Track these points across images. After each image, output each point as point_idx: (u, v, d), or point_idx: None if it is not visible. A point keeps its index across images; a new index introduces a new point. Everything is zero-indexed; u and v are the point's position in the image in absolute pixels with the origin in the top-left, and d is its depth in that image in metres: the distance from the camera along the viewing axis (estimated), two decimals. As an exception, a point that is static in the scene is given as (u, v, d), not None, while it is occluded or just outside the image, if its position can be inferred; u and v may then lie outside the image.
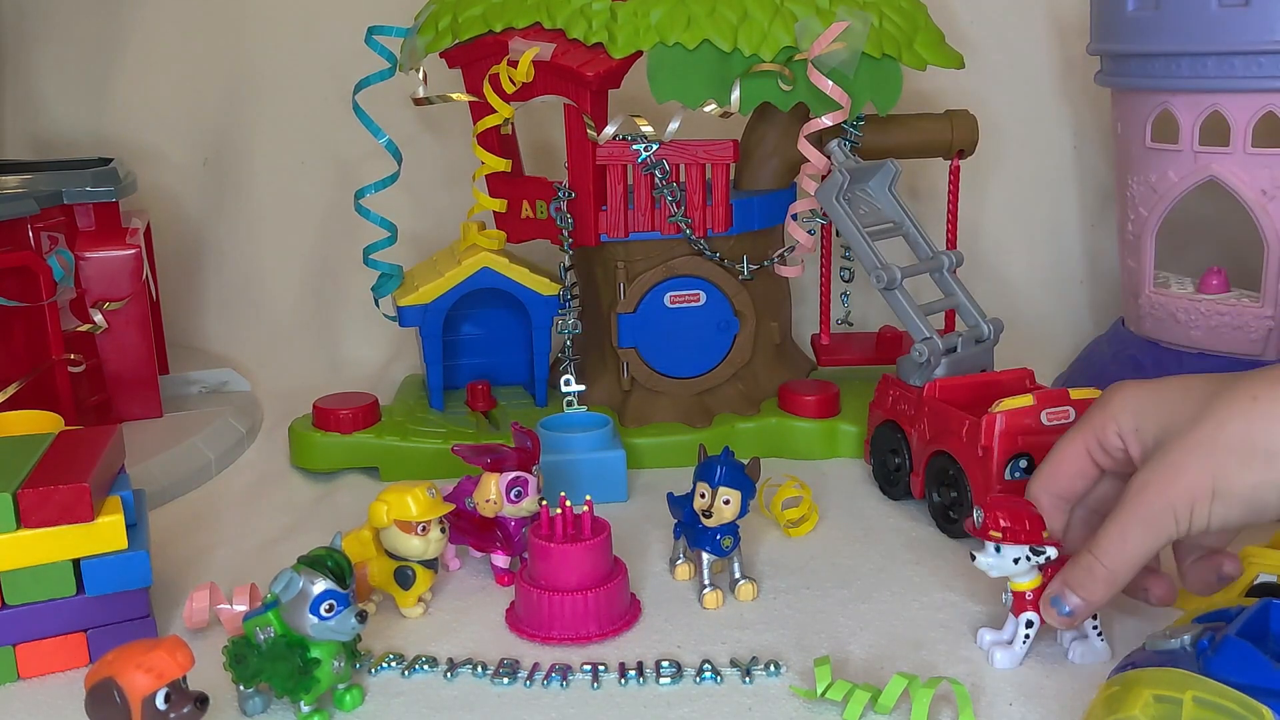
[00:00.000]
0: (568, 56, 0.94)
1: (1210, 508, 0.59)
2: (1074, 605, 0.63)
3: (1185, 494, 0.59)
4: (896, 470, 0.91)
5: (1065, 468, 0.68)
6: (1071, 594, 0.63)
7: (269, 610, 0.62)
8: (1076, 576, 0.63)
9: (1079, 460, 0.67)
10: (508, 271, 1.02)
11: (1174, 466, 0.60)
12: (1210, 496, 0.58)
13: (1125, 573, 0.62)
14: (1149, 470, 0.61)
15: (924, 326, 0.88)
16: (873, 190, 0.95)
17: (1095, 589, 0.63)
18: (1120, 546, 0.61)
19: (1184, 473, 0.59)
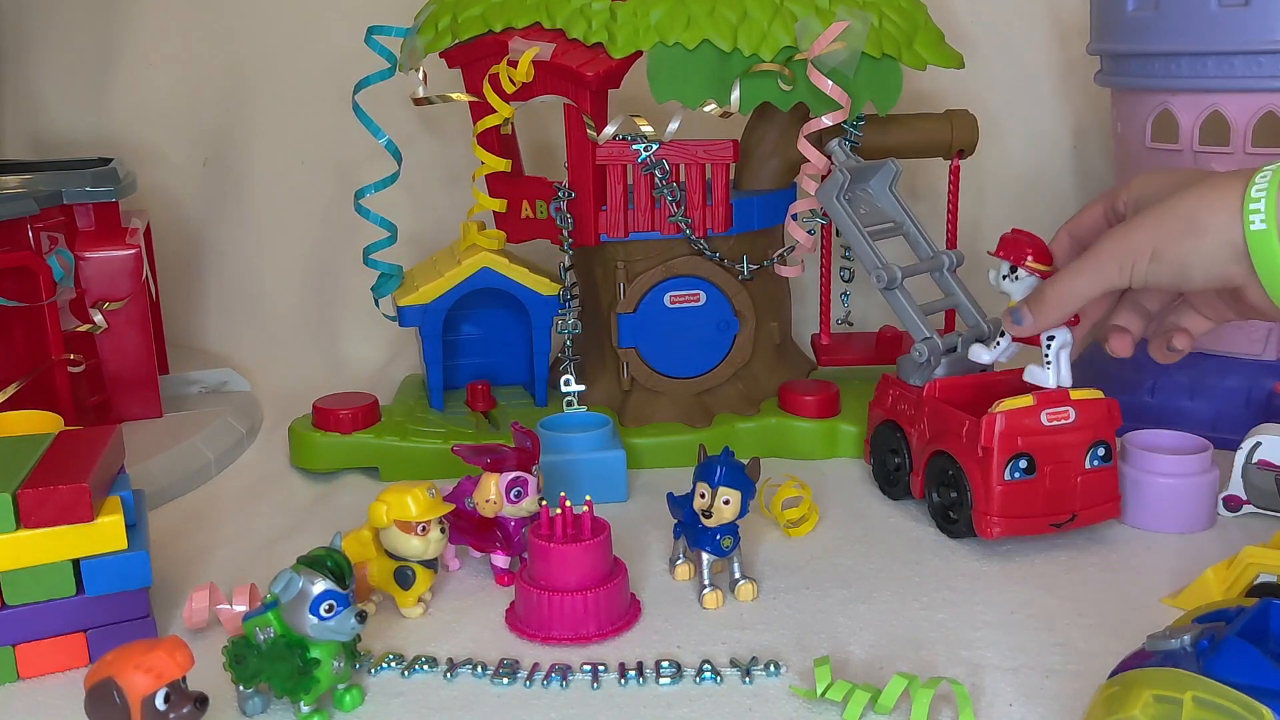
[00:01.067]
0: (567, 56, 0.94)
1: (1148, 266, 0.70)
2: (1026, 320, 0.78)
3: (1130, 250, 0.71)
4: (896, 470, 0.91)
5: (1086, 220, 0.80)
6: (1027, 312, 0.78)
7: (269, 610, 0.62)
8: (1033, 298, 0.78)
9: (1096, 218, 0.79)
10: (508, 271, 1.02)
11: (1129, 227, 0.72)
12: (1150, 257, 0.70)
13: (1070, 303, 0.75)
14: (1114, 230, 0.73)
15: (924, 326, 0.88)
16: (873, 190, 0.95)
17: (1044, 311, 0.76)
18: (1070, 281, 0.74)
19: (1134, 234, 0.71)
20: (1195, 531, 0.85)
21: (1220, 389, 1.00)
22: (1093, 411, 0.82)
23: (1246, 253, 0.66)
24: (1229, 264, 0.67)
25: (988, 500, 0.80)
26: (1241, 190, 0.66)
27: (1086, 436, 0.81)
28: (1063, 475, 0.81)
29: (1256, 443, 0.86)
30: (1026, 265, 0.80)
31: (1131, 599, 0.75)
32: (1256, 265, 0.66)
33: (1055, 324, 0.78)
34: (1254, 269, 0.66)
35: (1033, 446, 0.80)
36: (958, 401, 0.85)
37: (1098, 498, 0.82)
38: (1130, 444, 0.87)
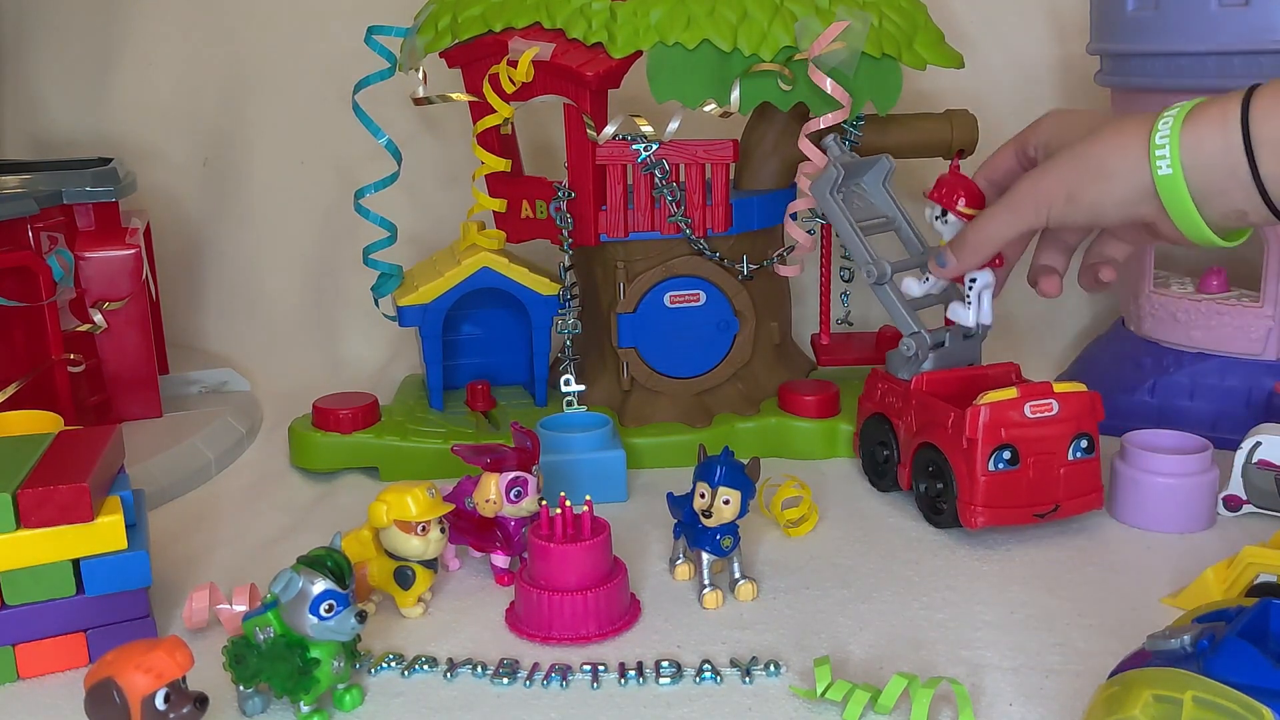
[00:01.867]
0: (567, 56, 0.94)
1: (1063, 208, 0.74)
2: (949, 262, 0.82)
3: (1045, 193, 0.75)
4: (885, 462, 0.92)
5: (999, 164, 0.84)
6: (950, 254, 0.82)
7: (269, 610, 0.62)
8: (955, 241, 0.82)
9: (1008, 161, 0.84)
10: (507, 271, 1.02)
11: (1043, 171, 0.75)
12: (1064, 199, 0.74)
13: (989, 246, 0.80)
14: (1028, 174, 0.77)
15: (912, 321, 0.88)
16: (867, 185, 0.95)
17: (965, 253, 0.81)
18: (989, 224, 0.79)
19: (1048, 177, 0.75)
20: (1195, 531, 0.85)
21: (1220, 389, 1.00)
22: (1075, 404, 0.83)
23: (1156, 194, 0.70)
24: (1139, 204, 0.71)
25: (972, 490, 0.81)
26: (1147, 135, 0.70)
27: (1069, 429, 0.83)
28: (1046, 466, 0.82)
29: (1256, 443, 0.86)
30: (956, 210, 0.84)
31: (1131, 599, 0.75)
32: (1166, 206, 0.70)
33: (976, 265, 0.82)
34: (1164, 209, 0.70)
35: (1016, 438, 0.81)
36: (944, 395, 0.87)
37: (1080, 489, 0.84)
38: (1130, 444, 0.87)
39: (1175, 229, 0.71)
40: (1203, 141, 0.68)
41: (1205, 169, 0.68)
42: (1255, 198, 0.67)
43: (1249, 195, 0.67)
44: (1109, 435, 0.87)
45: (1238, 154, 0.67)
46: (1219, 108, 0.68)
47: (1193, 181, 0.68)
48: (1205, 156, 0.68)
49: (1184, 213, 0.69)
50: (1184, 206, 0.69)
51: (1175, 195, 0.69)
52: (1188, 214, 0.69)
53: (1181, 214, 0.69)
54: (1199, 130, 0.68)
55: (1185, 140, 0.68)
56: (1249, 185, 0.67)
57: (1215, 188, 0.68)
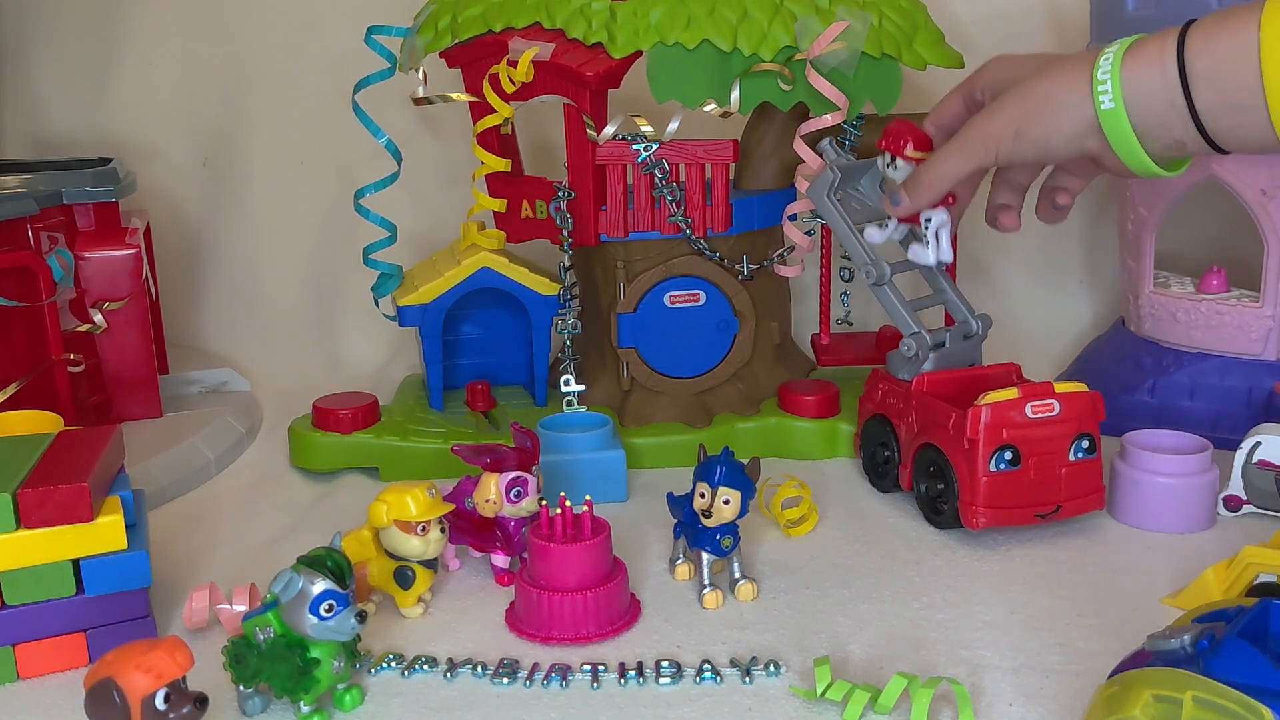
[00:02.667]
0: (567, 56, 0.94)
1: (1011, 145, 0.76)
2: (903, 201, 0.84)
3: (994, 132, 0.76)
4: (885, 463, 0.92)
5: (948, 109, 0.85)
6: (904, 193, 0.84)
7: (269, 610, 0.62)
8: (908, 182, 0.84)
9: (955, 107, 0.85)
10: (507, 271, 1.01)
11: (991, 110, 0.77)
12: (1012, 136, 0.75)
13: (942, 184, 0.81)
14: (977, 114, 0.79)
15: (912, 322, 0.89)
16: (864, 187, 0.95)
17: (918, 192, 0.82)
18: (940, 164, 0.81)
19: (996, 116, 0.76)
20: (1195, 531, 0.85)
21: (1220, 389, 1.00)
22: (1077, 404, 0.83)
23: (1100, 128, 0.72)
24: (1085, 139, 0.73)
25: (973, 491, 0.81)
26: (1090, 71, 0.72)
27: (1070, 429, 0.83)
28: (1047, 467, 0.82)
29: (1256, 443, 0.86)
30: (905, 155, 0.85)
31: (1131, 599, 0.75)
32: (1109, 139, 0.72)
33: (930, 204, 0.84)
34: (1108, 142, 0.72)
35: (1017, 438, 0.81)
36: (945, 395, 0.87)
37: (1082, 489, 0.84)
38: (1130, 444, 0.87)
39: (1119, 161, 0.73)
40: (1141, 77, 0.70)
41: (1145, 103, 0.70)
42: (1192, 129, 0.70)
43: (1187, 127, 0.70)
44: (1109, 435, 0.87)
45: (1175, 88, 0.69)
46: (1156, 44, 0.71)
47: (1134, 115, 0.70)
48: (1144, 91, 0.70)
49: (1126, 145, 0.72)
50: (1126, 139, 0.71)
51: (1117, 128, 0.71)
52: (1130, 146, 0.71)
53: (1124, 146, 0.72)
54: (1138, 66, 0.70)
55: (1125, 75, 0.70)
56: (1186, 117, 0.69)
57: (1155, 120, 0.70)
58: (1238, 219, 0.99)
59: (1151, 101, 0.70)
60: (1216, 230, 1.16)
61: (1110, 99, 0.71)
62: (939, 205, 0.86)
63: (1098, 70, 0.71)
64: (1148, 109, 0.70)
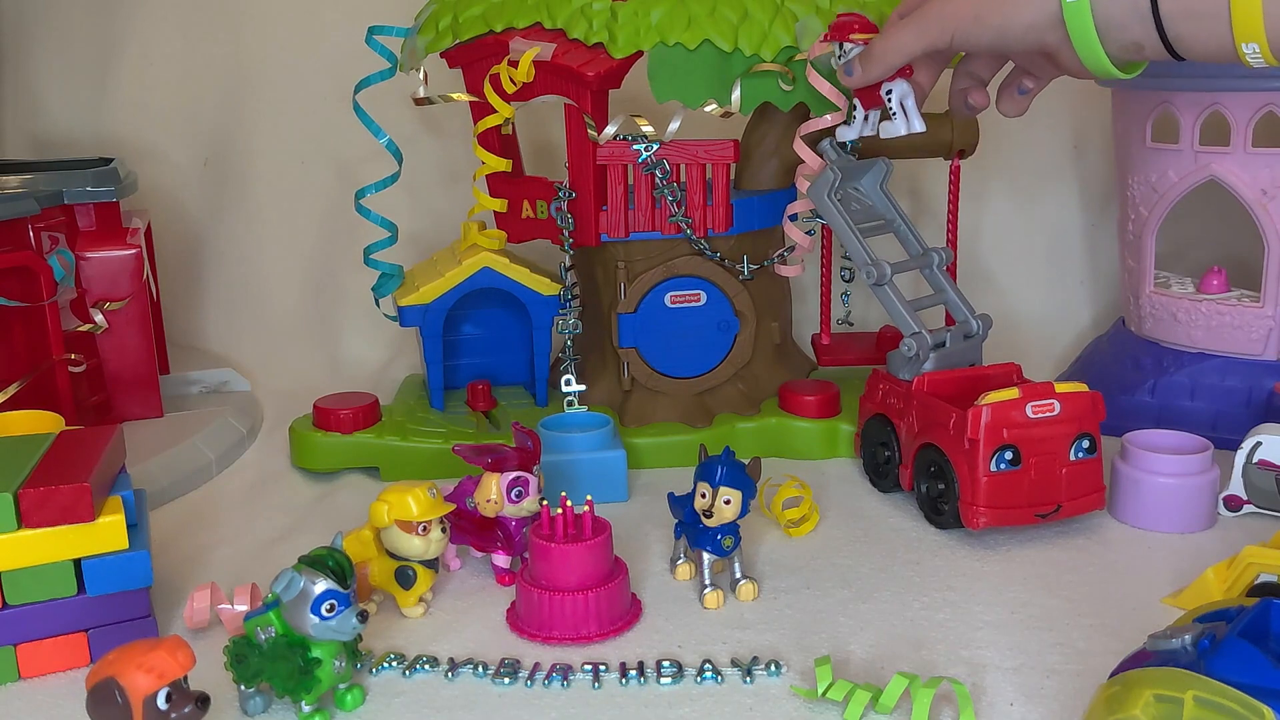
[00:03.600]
0: (568, 56, 0.94)
1: (969, 28, 0.76)
2: (856, 71, 0.84)
3: (952, 13, 0.77)
4: (886, 463, 0.92)
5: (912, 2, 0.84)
6: (857, 64, 0.84)
7: (270, 610, 0.62)
8: (863, 53, 0.84)
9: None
10: (508, 271, 1.02)
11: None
12: (971, 19, 0.76)
13: (895, 56, 0.81)
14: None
15: (913, 322, 0.89)
16: (864, 187, 0.95)
17: (870, 63, 0.83)
18: (895, 36, 0.81)
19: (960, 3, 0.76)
20: (1195, 531, 0.85)
21: (1220, 389, 1.00)
22: (1077, 404, 0.83)
23: (1062, 21, 0.72)
24: (1045, 31, 0.73)
25: (974, 491, 0.81)
26: None
27: (1071, 429, 0.83)
28: (1048, 467, 0.82)
29: (1257, 443, 0.86)
30: (851, 39, 0.85)
31: (1131, 599, 0.75)
32: (1070, 33, 0.72)
33: (883, 75, 0.83)
34: (1068, 36, 0.72)
35: (1018, 438, 0.81)
36: (946, 395, 0.87)
37: (1082, 489, 0.84)
38: (1130, 444, 0.87)
39: (1076, 59, 0.73)
40: None
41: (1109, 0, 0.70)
42: (1153, 32, 0.70)
43: (1147, 29, 0.70)
44: (1109, 435, 0.87)
45: None
46: None
47: (1097, 11, 0.70)
48: None
49: (1086, 41, 0.72)
50: (1087, 35, 0.71)
51: (1079, 23, 0.71)
52: (1089, 43, 0.72)
53: (1083, 42, 0.72)
54: None
55: None
56: (1148, 19, 0.69)
57: (1116, 20, 0.70)
58: (1238, 219, 0.99)
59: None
60: (1216, 230, 1.16)
61: None
62: (895, 77, 0.84)
63: None
64: (1111, 7, 0.70)
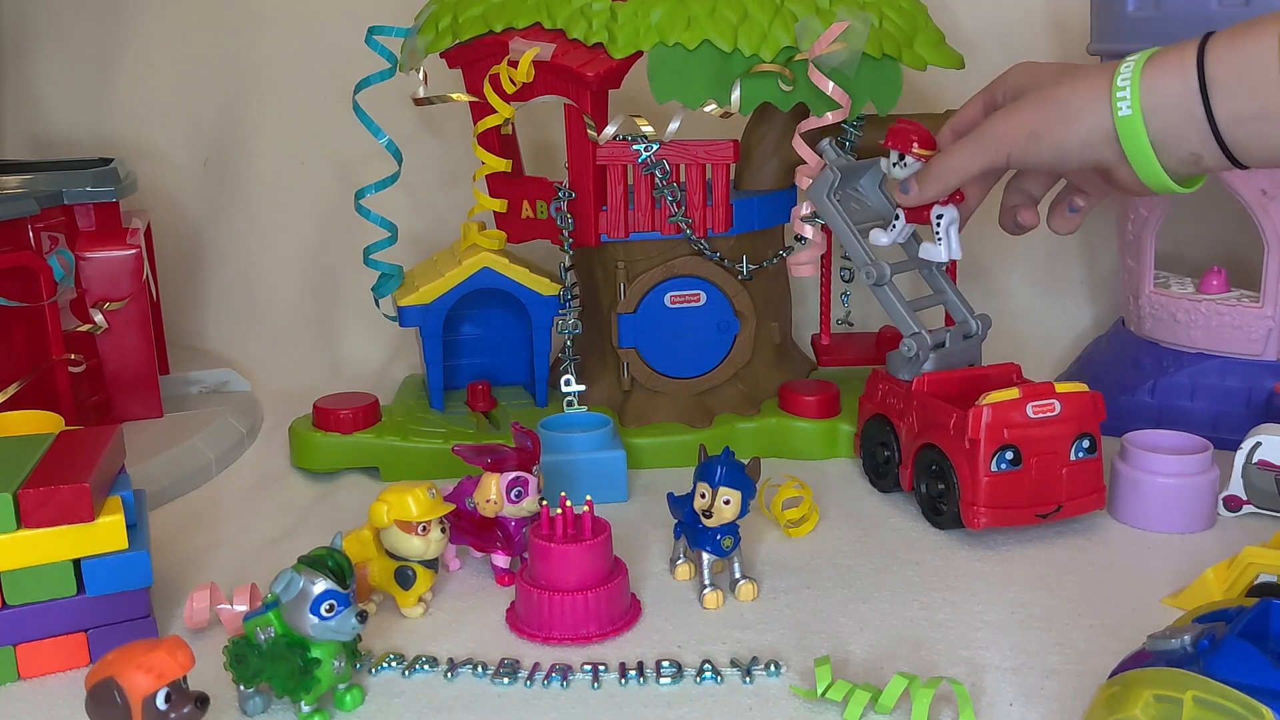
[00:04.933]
0: (568, 57, 0.94)
1: (1025, 147, 0.76)
2: (912, 190, 0.85)
3: (1010, 131, 0.77)
4: (885, 463, 0.92)
5: (967, 115, 0.86)
6: (913, 183, 0.85)
7: (269, 610, 0.62)
8: (919, 173, 0.84)
9: (976, 112, 0.85)
10: (508, 271, 1.02)
11: (1008, 111, 0.78)
12: (1026, 138, 0.76)
13: (952, 177, 0.82)
14: (995, 114, 0.79)
15: (912, 322, 0.89)
16: (864, 188, 0.95)
17: (928, 183, 0.83)
18: (952, 156, 0.81)
19: (1012, 117, 0.77)
20: (1195, 531, 0.85)
21: (1220, 389, 1.00)
22: (1078, 404, 0.83)
23: (1116, 136, 0.72)
24: (1101, 147, 0.73)
25: (974, 491, 0.81)
26: (1110, 78, 0.72)
27: (1071, 429, 0.83)
28: (1048, 467, 0.82)
29: (1257, 443, 0.86)
30: (913, 152, 0.86)
31: (1131, 599, 0.75)
32: (1125, 148, 0.72)
33: (938, 196, 0.84)
34: (1123, 152, 0.72)
35: (1018, 438, 0.81)
36: (946, 395, 0.87)
37: (1083, 489, 0.84)
38: (1130, 444, 0.87)
39: (1133, 174, 0.73)
40: (1160, 84, 0.70)
41: (1163, 112, 0.70)
42: (1210, 141, 0.69)
43: (1205, 138, 0.69)
44: (1109, 435, 0.87)
45: (1194, 96, 0.69)
46: (1177, 52, 0.71)
47: (1151, 124, 0.70)
48: (1163, 99, 0.70)
49: (1142, 156, 0.71)
50: (1142, 149, 0.71)
51: (1134, 137, 0.71)
52: (1145, 157, 0.71)
53: (1140, 157, 0.71)
54: (1158, 74, 0.70)
55: (1145, 83, 0.70)
56: (1205, 128, 0.69)
57: (1172, 131, 0.70)
58: (1238, 219, 0.99)
59: (1170, 111, 0.70)
60: (1216, 230, 1.16)
61: (1128, 105, 0.70)
62: (947, 202, 0.86)
63: (1117, 78, 0.71)
64: (1166, 118, 0.70)
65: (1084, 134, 0.73)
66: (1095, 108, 0.72)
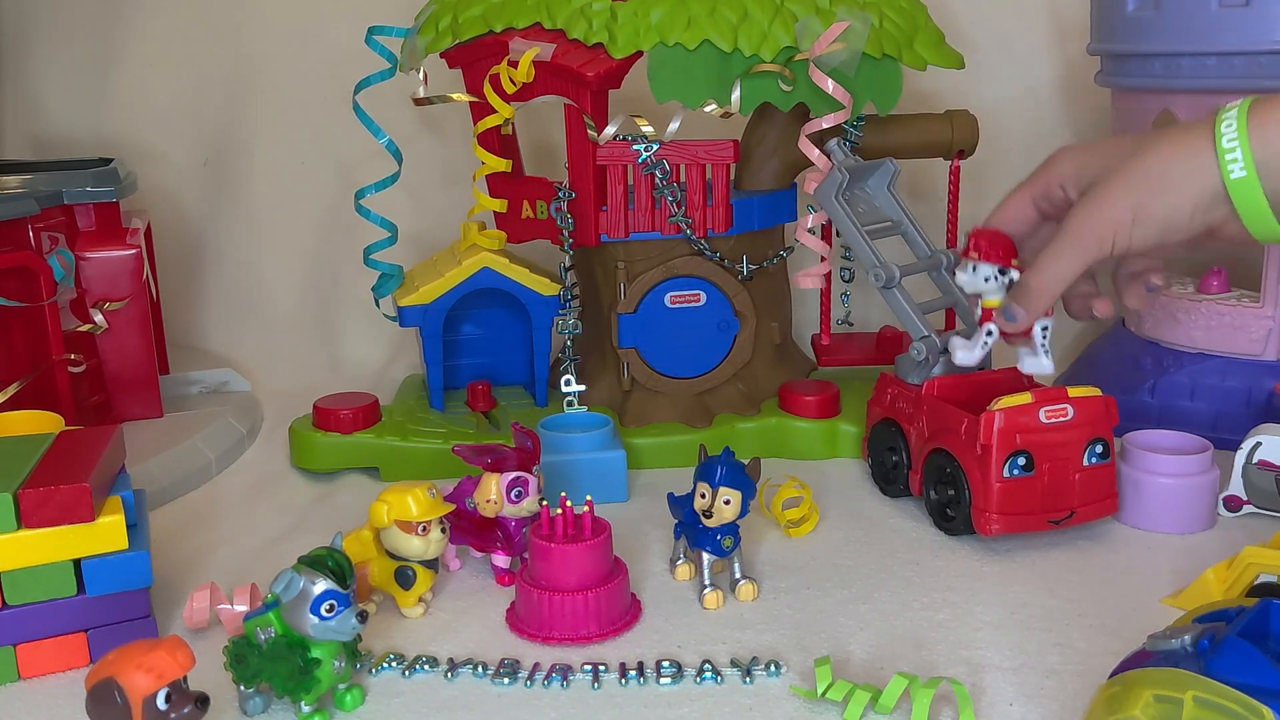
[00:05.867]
0: (568, 57, 0.94)
1: (1131, 232, 0.70)
2: (1018, 314, 0.77)
3: (1109, 221, 0.71)
4: (894, 468, 0.92)
5: (1011, 214, 0.79)
6: (1017, 306, 0.77)
7: (270, 610, 0.62)
8: (1019, 293, 0.77)
9: (1024, 208, 0.78)
10: (508, 271, 1.02)
11: (1101, 199, 0.71)
12: (1131, 223, 0.70)
13: (1057, 288, 0.75)
14: (1081, 205, 0.72)
15: (922, 325, 0.88)
16: (871, 189, 0.95)
17: (1033, 301, 0.76)
18: (1053, 265, 0.74)
19: (1108, 204, 0.71)
20: (1195, 531, 0.85)
21: (1220, 389, 1.00)
22: (1090, 409, 0.82)
23: (1227, 197, 0.68)
24: (1210, 210, 0.69)
25: (986, 497, 0.80)
26: (1210, 140, 0.68)
27: (1084, 434, 0.82)
28: (1061, 472, 0.81)
29: (1257, 443, 0.86)
30: (1013, 265, 0.78)
31: (1131, 599, 0.75)
32: (1239, 209, 0.68)
33: (1044, 311, 0.78)
34: (1236, 212, 0.68)
35: (1031, 444, 0.80)
36: (956, 399, 0.85)
37: (1096, 494, 0.83)
38: (1130, 444, 0.87)
39: (1244, 231, 0.69)
40: (1271, 139, 0.67)
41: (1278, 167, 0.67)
42: None
43: None
44: (1109, 435, 0.87)
45: None
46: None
47: (1267, 181, 0.67)
48: (1276, 154, 0.67)
49: (1258, 214, 0.68)
50: (1258, 208, 0.67)
51: (1250, 197, 0.67)
52: (1262, 215, 0.68)
53: (1255, 215, 0.68)
54: (1266, 129, 0.67)
55: (1254, 141, 0.67)
56: None
57: None
58: (1238, 219, 0.99)
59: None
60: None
61: (1241, 167, 0.67)
62: None
63: (1221, 138, 0.67)
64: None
65: (1192, 204, 0.68)
66: (1201, 174, 0.68)
